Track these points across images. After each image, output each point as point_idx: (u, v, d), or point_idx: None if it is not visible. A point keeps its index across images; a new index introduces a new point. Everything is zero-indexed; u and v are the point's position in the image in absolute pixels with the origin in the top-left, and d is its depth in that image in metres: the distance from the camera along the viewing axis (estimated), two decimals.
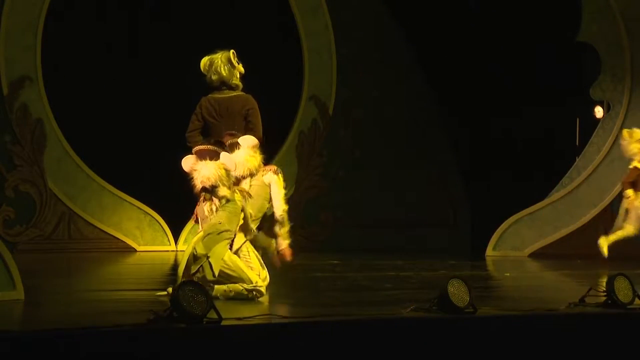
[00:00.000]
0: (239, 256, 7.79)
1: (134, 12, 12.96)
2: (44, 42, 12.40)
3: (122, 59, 12.65)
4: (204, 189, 7.68)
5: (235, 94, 8.76)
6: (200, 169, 7.69)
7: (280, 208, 8.29)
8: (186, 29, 12.91)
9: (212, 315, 6.15)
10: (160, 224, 12.82)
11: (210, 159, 7.71)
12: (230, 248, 7.70)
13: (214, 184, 7.65)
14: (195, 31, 12.77)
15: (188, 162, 7.78)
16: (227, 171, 7.69)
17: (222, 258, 7.52)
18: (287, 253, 8.28)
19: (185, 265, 7.58)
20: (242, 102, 8.76)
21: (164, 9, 13.06)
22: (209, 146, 7.91)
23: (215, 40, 9.68)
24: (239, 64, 8.70)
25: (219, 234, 7.56)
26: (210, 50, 9.05)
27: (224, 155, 7.76)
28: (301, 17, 13.86)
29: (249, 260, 7.84)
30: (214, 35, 11.89)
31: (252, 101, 8.77)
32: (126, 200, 12.78)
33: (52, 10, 12.44)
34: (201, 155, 7.74)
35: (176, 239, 12.89)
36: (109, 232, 12.71)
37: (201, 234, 7.68)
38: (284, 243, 8.31)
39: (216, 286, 7.43)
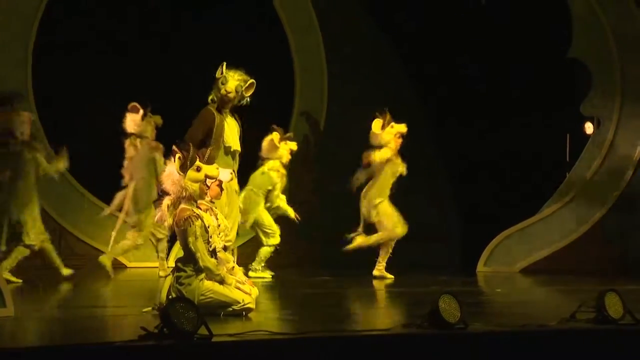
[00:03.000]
0: (232, 274, 7.75)
1: (125, 27, 12.96)
2: (34, 57, 12.39)
3: (113, 75, 12.62)
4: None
5: None
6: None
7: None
8: (178, 47, 12.92)
9: (203, 331, 6.14)
10: (150, 240, 12.76)
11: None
12: (215, 256, 7.60)
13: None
14: (187, 49, 12.78)
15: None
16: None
17: (200, 293, 7.43)
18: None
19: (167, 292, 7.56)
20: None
21: (155, 25, 13.07)
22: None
23: (207, 57, 9.70)
24: (223, 81, 8.81)
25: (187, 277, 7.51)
26: (203, 69, 9.10)
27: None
28: (292, 34, 13.89)
29: (237, 278, 7.78)
30: (206, 52, 11.91)
31: (202, 111, 8.89)
32: (116, 217, 12.71)
33: (44, 25, 12.44)
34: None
35: (167, 255, 12.82)
36: (99, 248, 12.65)
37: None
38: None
39: None
